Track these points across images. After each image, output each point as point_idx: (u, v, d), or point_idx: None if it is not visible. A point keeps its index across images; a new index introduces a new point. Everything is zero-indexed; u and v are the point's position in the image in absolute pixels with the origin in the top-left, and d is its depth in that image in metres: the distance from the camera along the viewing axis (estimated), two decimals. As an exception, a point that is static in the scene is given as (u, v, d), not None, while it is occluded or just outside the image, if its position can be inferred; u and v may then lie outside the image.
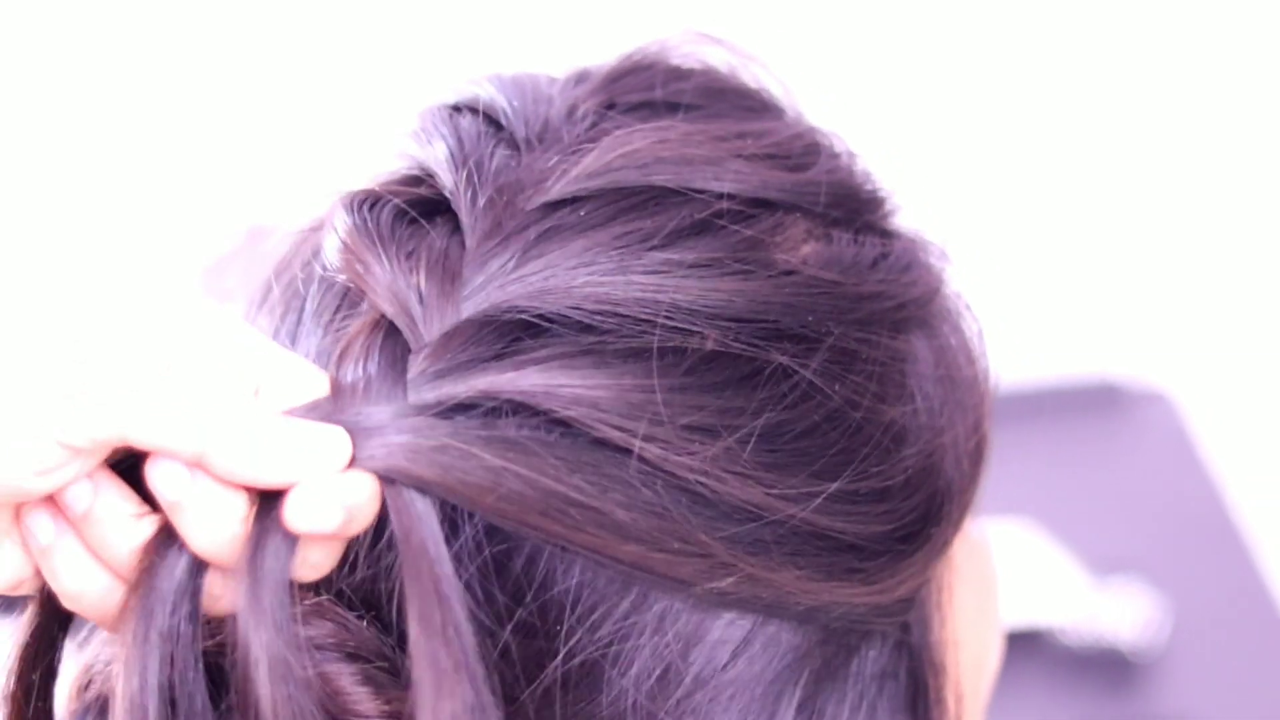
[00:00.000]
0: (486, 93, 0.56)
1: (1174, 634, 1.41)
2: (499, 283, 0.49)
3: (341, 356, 0.48)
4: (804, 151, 0.56)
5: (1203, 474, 1.60)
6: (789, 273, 0.52)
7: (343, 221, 0.52)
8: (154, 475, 0.44)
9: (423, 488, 0.45)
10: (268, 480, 0.44)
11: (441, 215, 0.52)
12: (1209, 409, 1.74)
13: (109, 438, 0.44)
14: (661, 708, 0.51)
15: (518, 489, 0.46)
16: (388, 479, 0.45)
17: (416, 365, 0.48)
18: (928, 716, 0.56)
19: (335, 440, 0.45)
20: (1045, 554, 1.45)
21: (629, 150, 0.52)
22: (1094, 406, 1.69)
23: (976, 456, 0.57)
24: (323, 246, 0.52)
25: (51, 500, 0.46)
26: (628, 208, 0.51)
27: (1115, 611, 1.39)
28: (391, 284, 0.49)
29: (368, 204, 0.52)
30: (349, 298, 0.52)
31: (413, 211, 0.51)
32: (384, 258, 0.50)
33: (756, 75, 0.59)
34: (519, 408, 0.47)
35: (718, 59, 0.59)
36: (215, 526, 0.44)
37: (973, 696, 0.61)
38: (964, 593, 0.59)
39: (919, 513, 0.54)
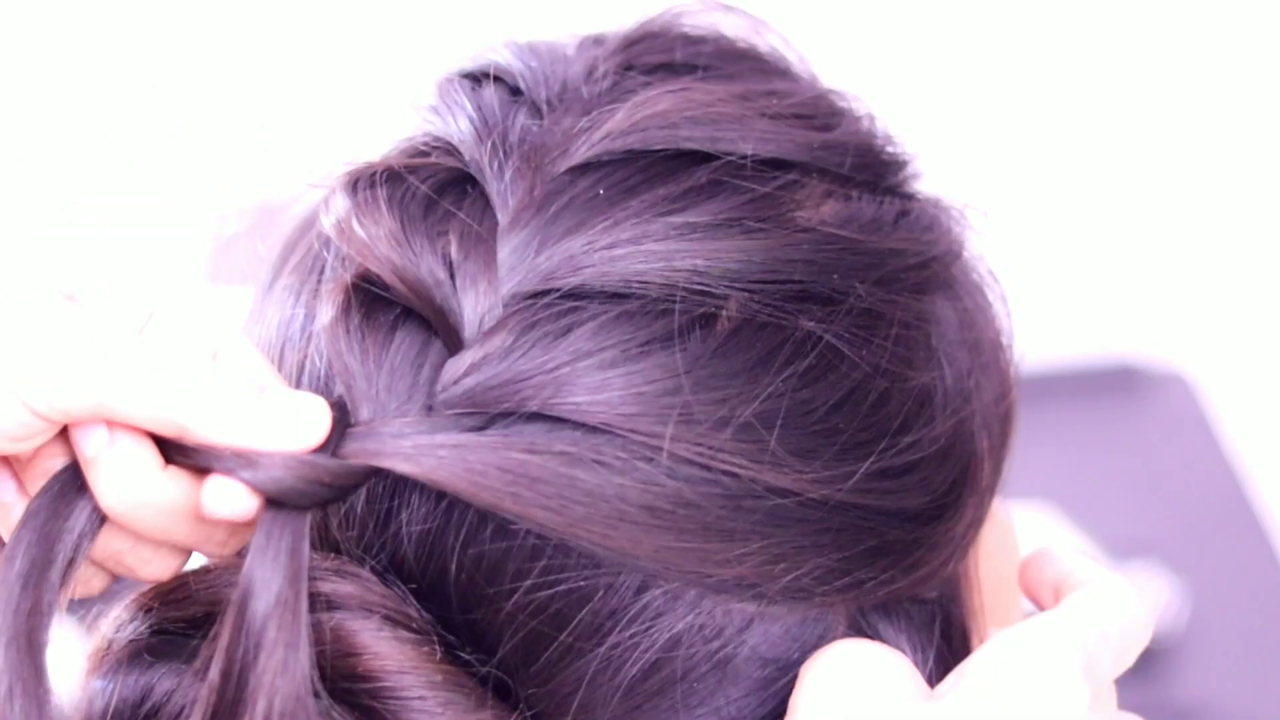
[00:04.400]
0: (502, 58, 0.56)
1: (1192, 619, 1.40)
2: (528, 264, 0.49)
3: (364, 351, 0.49)
4: (830, 112, 0.56)
5: (1222, 457, 1.59)
6: (807, 230, 0.51)
7: (360, 203, 0.51)
8: (75, 435, 0.45)
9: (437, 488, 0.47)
10: (249, 446, 0.45)
11: (468, 190, 0.52)
12: (1228, 391, 1.73)
13: (85, 410, 0.45)
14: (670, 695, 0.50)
15: (529, 494, 0.46)
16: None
17: (452, 370, 0.48)
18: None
19: (316, 411, 0.46)
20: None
21: (654, 111, 0.52)
22: (1112, 389, 1.68)
23: (1005, 423, 0.57)
24: (334, 232, 0.52)
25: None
26: (654, 174, 0.51)
27: (1133, 596, 1.38)
28: (417, 275, 0.49)
29: (388, 183, 0.51)
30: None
31: (431, 192, 0.51)
32: (410, 244, 0.50)
33: (771, 43, 0.59)
34: (546, 417, 0.48)
35: (732, 26, 0.59)
36: (124, 486, 0.46)
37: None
38: (987, 565, 0.58)
39: (952, 485, 0.53)
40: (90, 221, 1.61)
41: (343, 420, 0.48)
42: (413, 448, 0.46)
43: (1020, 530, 0.63)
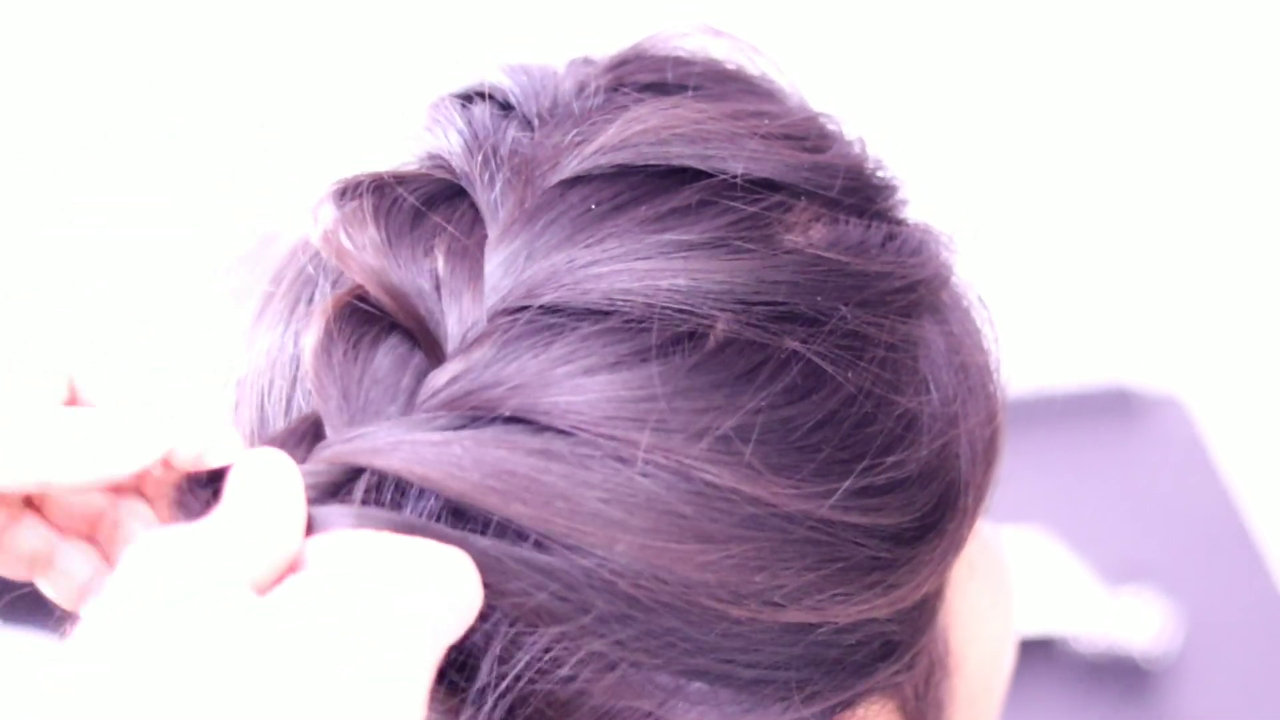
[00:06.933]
0: (493, 77, 0.56)
1: (1187, 641, 1.40)
2: (514, 278, 0.49)
3: (344, 367, 0.49)
4: (820, 134, 0.56)
5: (1216, 480, 1.59)
6: (793, 251, 0.51)
7: (346, 213, 0.51)
8: None
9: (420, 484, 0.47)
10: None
11: (457, 203, 0.52)
12: (1222, 415, 1.73)
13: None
14: None
15: (506, 488, 0.46)
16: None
17: (434, 381, 0.48)
18: (923, 713, 0.56)
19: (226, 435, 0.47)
20: (1058, 561, 1.44)
21: (646, 127, 0.52)
22: (1107, 412, 1.68)
23: (991, 447, 0.57)
24: (322, 242, 0.52)
25: None
26: (643, 191, 0.51)
27: (1129, 619, 1.39)
28: (401, 285, 0.49)
29: (374, 194, 0.51)
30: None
31: (419, 203, 0.51)
32: (395, 254, 0.50)
33: (761, 67, 0.59)
34: (522, 420, 0.48)
35: (721, 51, 0.59)
36: None
37: (986, 693, 0.61)
38: (976, 588, 0.58)
39: (935, 506, 0.53)
40: (90, 221, 1.60)
41: (315, 434, 0.48)
42: (388, 444, 0.46)
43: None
